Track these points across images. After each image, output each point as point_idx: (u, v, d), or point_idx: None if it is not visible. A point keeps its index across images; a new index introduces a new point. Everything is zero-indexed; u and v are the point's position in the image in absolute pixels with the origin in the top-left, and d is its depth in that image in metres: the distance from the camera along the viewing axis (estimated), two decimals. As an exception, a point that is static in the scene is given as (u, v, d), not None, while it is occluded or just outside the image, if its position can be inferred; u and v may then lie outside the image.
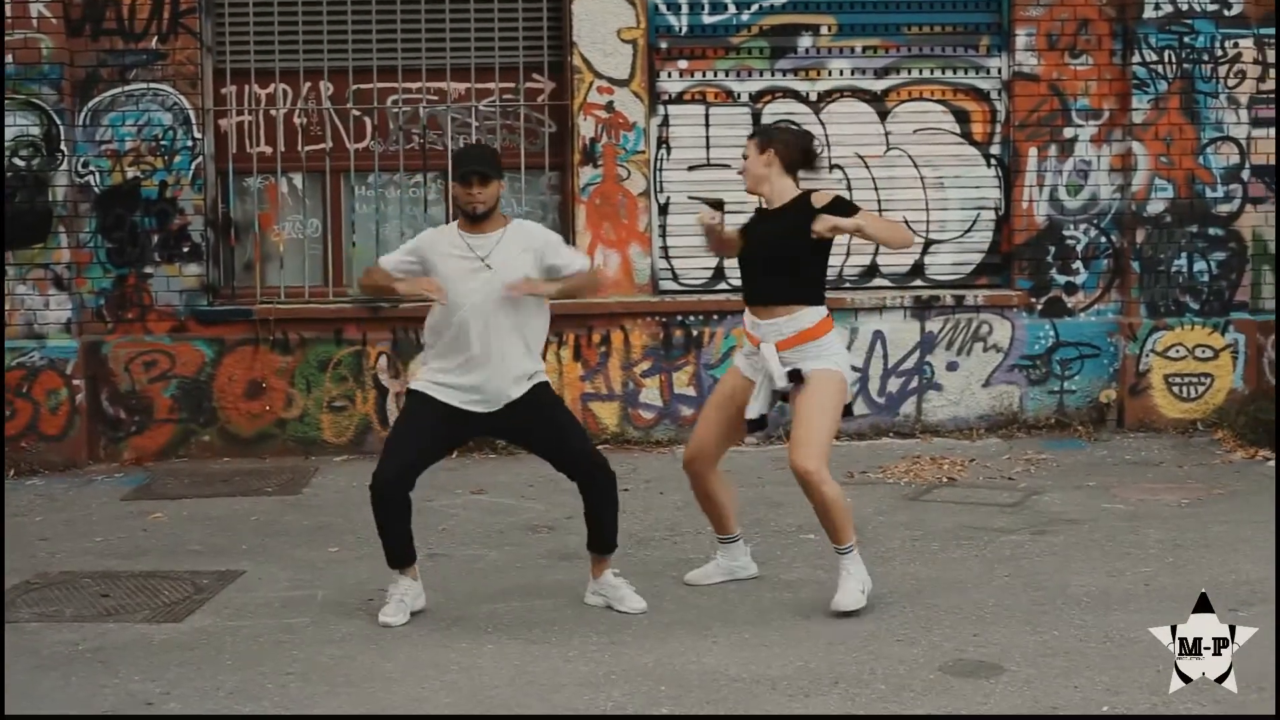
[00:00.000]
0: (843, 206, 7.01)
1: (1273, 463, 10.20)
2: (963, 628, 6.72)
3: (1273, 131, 11.39)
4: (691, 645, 6.53)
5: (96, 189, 11.03)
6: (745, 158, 7.22)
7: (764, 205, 7.29)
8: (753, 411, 7.14)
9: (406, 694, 6.05)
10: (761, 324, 7.05)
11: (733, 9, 11.39)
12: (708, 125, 11.44)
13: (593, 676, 6.18)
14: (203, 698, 6.04)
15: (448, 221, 11.26)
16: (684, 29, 11.41)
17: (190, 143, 11.06)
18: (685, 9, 11.39)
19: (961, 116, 11.60)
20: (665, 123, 11.42)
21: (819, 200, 7.01)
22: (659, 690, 6.02)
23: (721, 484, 7.44)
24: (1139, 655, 6.26)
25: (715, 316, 11.28)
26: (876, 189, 11.38)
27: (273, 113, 11.32)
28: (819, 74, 11.50)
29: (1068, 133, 11.45)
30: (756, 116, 11.41)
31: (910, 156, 11.55)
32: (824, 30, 11.46)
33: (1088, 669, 6.13)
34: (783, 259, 7.03)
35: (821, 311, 7.07)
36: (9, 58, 10.76)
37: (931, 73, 11.56)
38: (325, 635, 6.82)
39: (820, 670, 6.19)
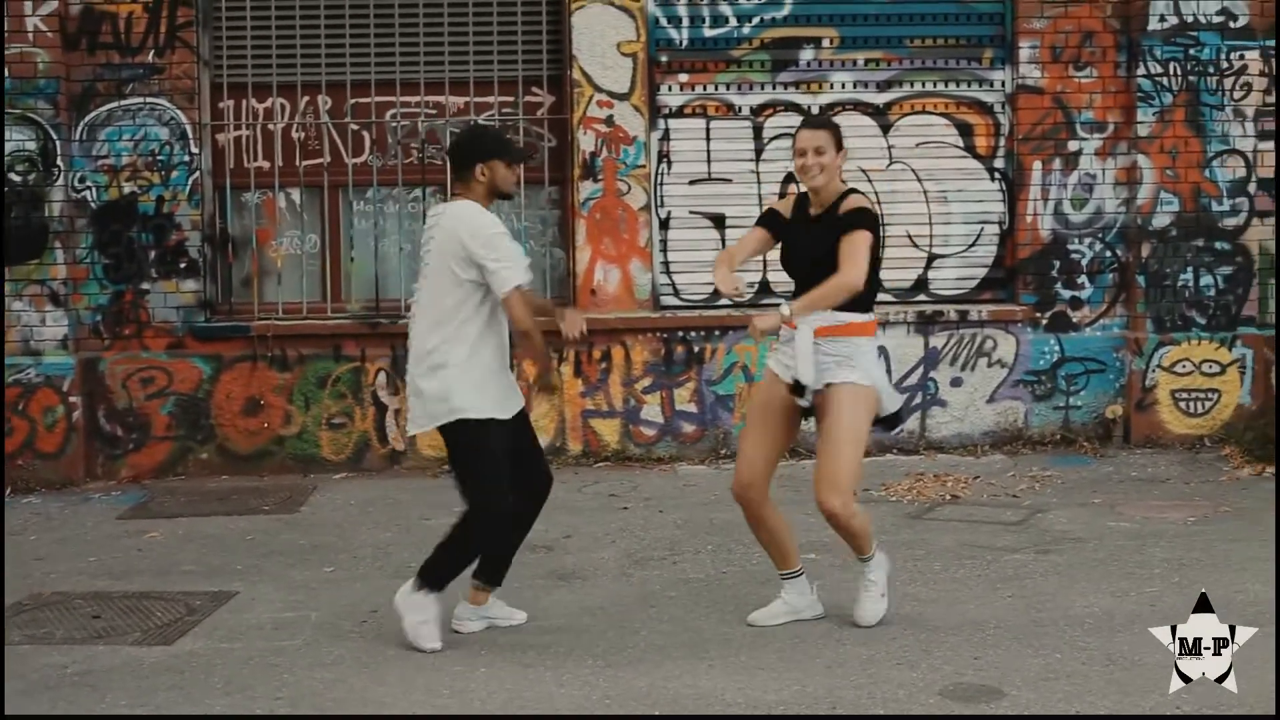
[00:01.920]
0: (854, 220, 6.74)
1: (1281, 479, 10.12)
2: (963, 650, 6.62)
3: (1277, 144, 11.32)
4: (687, 668, 6.42)
5: (93, 204, 10.97)
6: (820, 152, 6.76)
7: (810, 203, 6.95)
8: (806, 377, 6.71)
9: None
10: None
11: (734, 22, 11.31)
12: (708, 139, 11.36)
13: (586, 701, 6.08)
14: (190, 723, 5.97)
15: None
16: (684, 42, 11.33)
17: (187, 157, 10.99)
18: (686, 22, 11.31)
19: (965, 130, 11.51)
20: (666, 136, 11.34)
21: (848, 204, 6.79)
22: (653, 715, 5.92)
23: (775, 512, 7.05)
24: (1143, 679, 6.15)
25: (717, 332, 11.18)
26: (879, 203, 11.25)
27: (270, 127, 11.25)
28: (821, 87, 11.41)
29: (1072, 146, 11.36)
30: (757, 130, 11.33)
31: (913, 170, 11.46)
32: (826, 43, 11.38)
33: (1089, 693, 6.02)
34: (835, 262, 6.72)
35: (869, 317, 6.88)
36: (5, 71, 10.70)
37: (934, 86, 11.48)
38: (317, 658, 6.73)
39: (818, 694, 6.08)
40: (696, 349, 11.18)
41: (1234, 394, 11.28)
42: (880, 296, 11.17)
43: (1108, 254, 11.41)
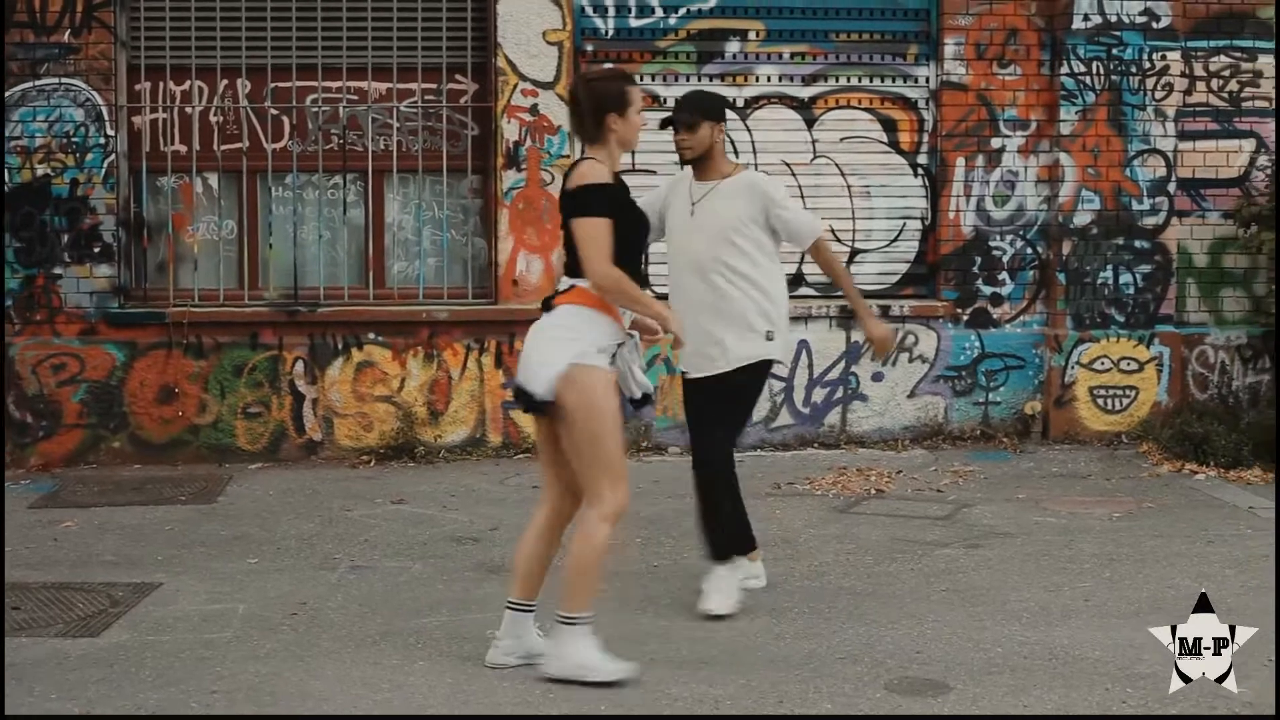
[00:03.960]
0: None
1: (1201, 476, 10.18)
2: (904, 644, 6.60)
3: (1198, 144, 11.42)
4: (632, 663, 6.33)
5: (5, 186, 10.69)
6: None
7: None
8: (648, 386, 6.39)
9: (337, 714, 5.83)
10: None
11: (660, 12, 11.24)
12: (633, 130, 11.26)
13: (530, 695, 5.99)
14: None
15: (366, 224, 11.14)
16: (610, 32, 11.25)
17: (103, 140, 10.76)
18: (612, 11, 11.23)
19: (889, 125, 11.51)
20: (590, 127, 11.23)
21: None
22: (599, 709, 5.85)
23: None
24: (1086, 672, 6.18)
25: (640, 324, 11.10)
26: (803, 197, 11.25)
27: (188, 110, 11.03)
28: (746, 80, 11.38)
29: (995, 143, 11.40)
30: (683, 122, 11.25)
31: (837, 165, 11.45)
32: (752, 36, 11.34)
33: (1035, 687, 6.02)
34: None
35: None
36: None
37: (859, 81, 11.47)
38: (249, 651, 6.58)
39: (763, 689, 6.03)
40: (619, 341, 11.09)
41: (1151, 391, 11.37)
42: (802, 290, 11.29)
43: (1029, 251, 11.46)
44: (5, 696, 5.90)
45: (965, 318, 11.45)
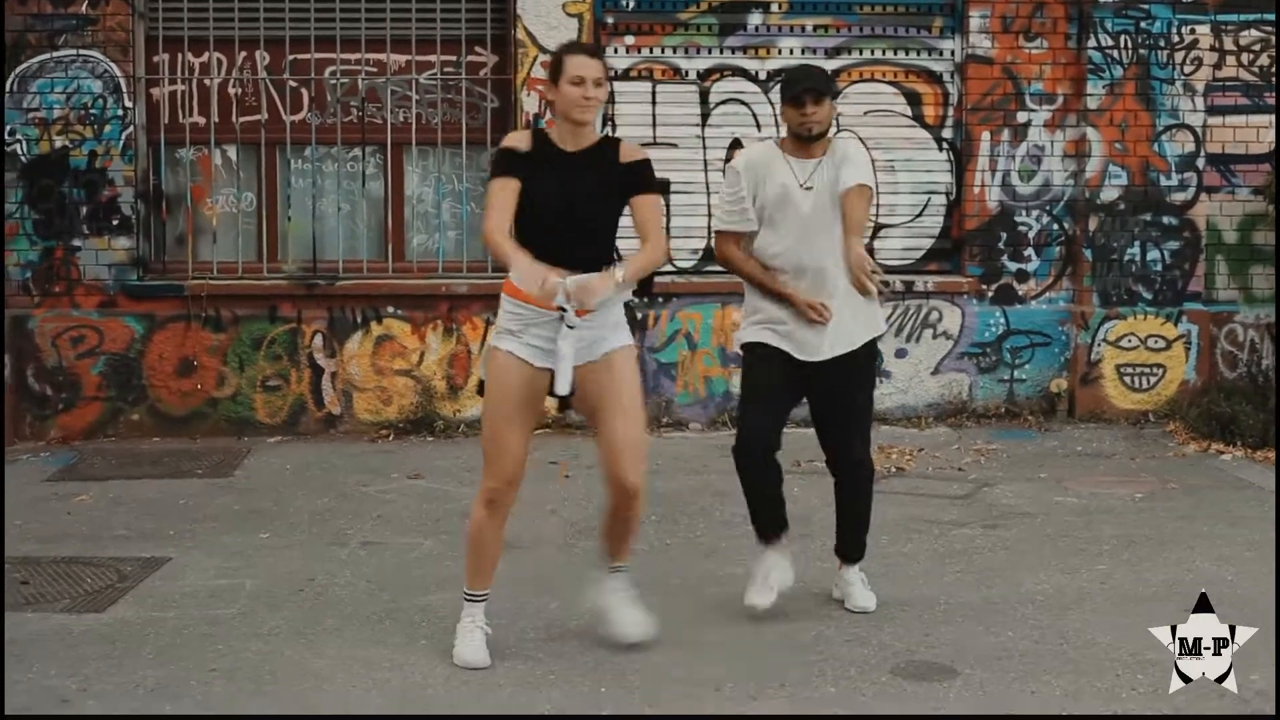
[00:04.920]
0: (648, 178, 6.18)
1: (1227, 457, 10.05)
2: (914, 627, 6.51)
3: (1228, 119, 11.25)
4: (634, 644, 6.27)
5: (23, 158, 10.67)
6: (599, 84, 6.01)
7: (556, 139, 6.15)
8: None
9: (335, 693, 5.78)
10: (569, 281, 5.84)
11: (682, -16, 11.14)
12: (654, 103, 11.18)
13: (530, 676, 5.93)
14: (121, 695, 5.77)
15: (386, 197, 11.07)
16: (631, 3, 11.13)
17: (121, 112, 10.71)
18: (633, -17, 11.14)
19: (913, 99, 11.38)
20: (611, 99, 11.11)
21: (630, 153, 6.21)
22: (599, 691, 5.78)
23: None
24: (1097, 659, 6.08)
25: (660, 299, 11.03)
26: (826, 171, 11.12)
27: (207, 82, 10.97)
28: (769, 52, 11.24)
29: (1021, 117, 11.25)
30: (704, 95, 11.16)
31: (860, 139, 11.27)
32: (774, 8, 11.21)
33: (1044, 673, 5.93)
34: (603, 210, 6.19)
35: None
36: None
37: (883, 54, 11.33)
38: (252, 628, 6.54)
39: (767, 672, 5.96)
40: (639, 316, 11.01)
41: (1179, 370, 11.23)
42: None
43: (1055, 227, 11.33)
44: (5, 676, 5.86)
45: (990, 294, 11.33)
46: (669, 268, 11.07)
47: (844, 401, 6.74)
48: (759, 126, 11.11)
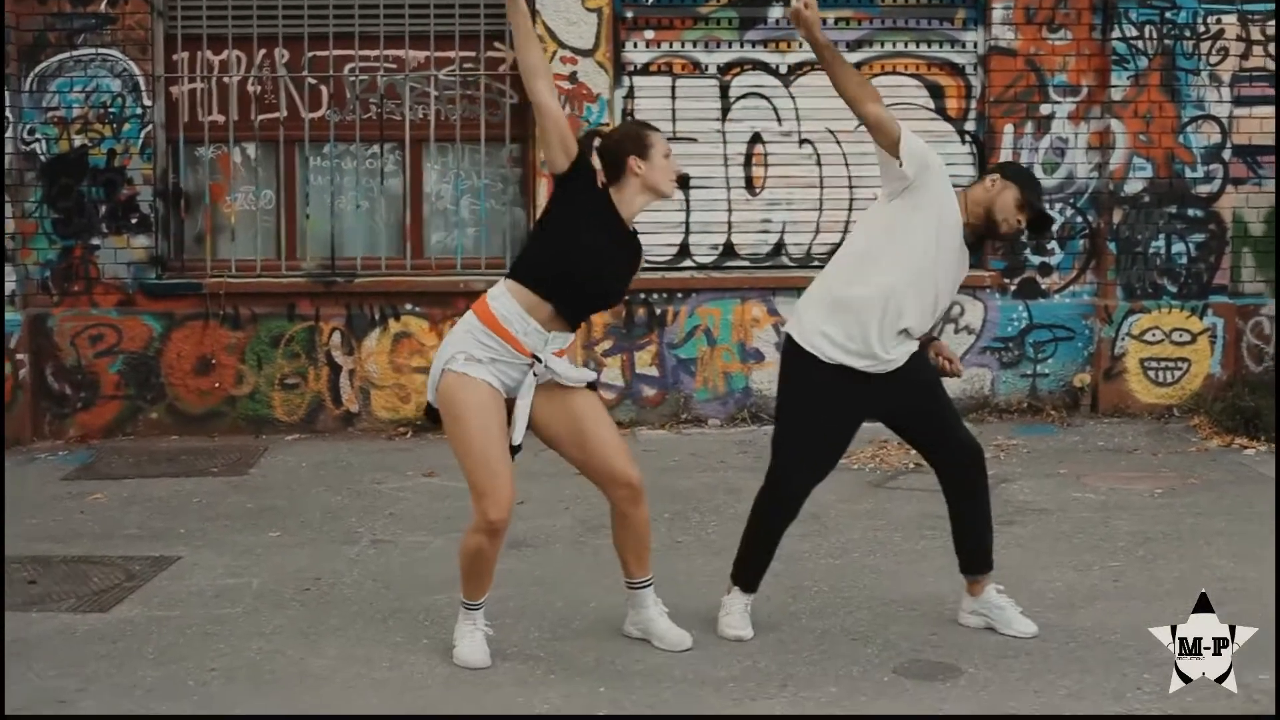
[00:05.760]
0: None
1: (1251, 452, 9.93)
2: (921, 625, 6.44)
3: (1254, 110, 11.10)
4: (635, 643, 6.21)
5: (43, 157, 10.69)
6: None
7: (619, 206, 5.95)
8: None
9: (333, 694, 5.75)
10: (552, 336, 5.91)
11: (701, -23, 11.07)
12: (674, 98, 11.12)
13: (530, 675, 5.89)
14: (119, 695, 5.74)
15: (404, 194, 11.05)
16: (651, -2, 11.10)
17: (140, 110, 10.72)
18: (652, -23, 11.07)
19: (936, 91, 11.28)
20: (630, 94, 11.09)
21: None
22: (599, 691, 5.73)
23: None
24: (1104, 657, 5.99)
25: (680, 295, 10.97)
26: (847, 164, 11.08)
27: (225, 80, 10.98)
28: (789, 46, 11.16)
29: (1044, 109, 11.14)
30: (724, 89, 11.10)
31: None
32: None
33: (1049, 672, 5.85)
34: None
35: None
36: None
37: (905, 46, 11.24)
38: (255, 628, 6.52)
39: (769, 670, 5.90)
40: (658, 311, 10.97)
41: (1204, 364, 11.11)
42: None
43: (1079, 220, 11.22)
44: (5, 674, 5.84)
45: (1013, 288, 11.22)
46: (688, 263, 11.03)
47: (931, 395, 6.33)
48: (779, 121, 11.05)
